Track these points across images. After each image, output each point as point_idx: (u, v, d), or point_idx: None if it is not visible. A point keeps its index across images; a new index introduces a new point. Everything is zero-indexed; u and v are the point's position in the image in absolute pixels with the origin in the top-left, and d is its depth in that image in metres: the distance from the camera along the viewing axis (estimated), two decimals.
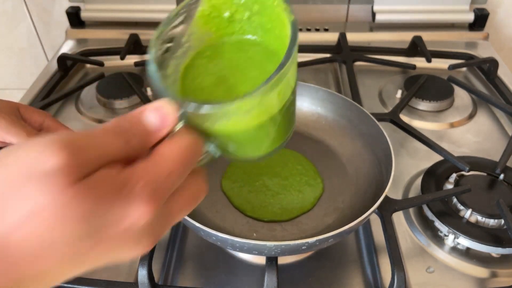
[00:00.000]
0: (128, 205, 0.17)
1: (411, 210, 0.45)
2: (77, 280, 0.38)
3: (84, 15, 0.75)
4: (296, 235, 0.39)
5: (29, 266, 0.17)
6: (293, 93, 0.24)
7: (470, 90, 0.60)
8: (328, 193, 0.43)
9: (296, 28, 0.21)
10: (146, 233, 0.19)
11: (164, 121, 0.20)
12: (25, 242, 0.16)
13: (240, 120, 0.21)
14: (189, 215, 0.33)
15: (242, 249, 0.34)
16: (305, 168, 0.46)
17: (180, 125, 0.20)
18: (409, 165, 0.50)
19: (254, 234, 0.39)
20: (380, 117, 0.53)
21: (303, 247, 0.33)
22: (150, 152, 0.19)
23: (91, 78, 0.61)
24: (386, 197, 0.42)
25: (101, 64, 0.65)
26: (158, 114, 0.20)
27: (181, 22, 0.23)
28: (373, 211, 0.35)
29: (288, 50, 0.20)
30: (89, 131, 0.18)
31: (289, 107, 0.24)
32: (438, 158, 0.48)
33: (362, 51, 0.68)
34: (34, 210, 0.16)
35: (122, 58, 0.65)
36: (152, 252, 0.37)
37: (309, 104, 0.49)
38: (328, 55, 0.67)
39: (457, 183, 0.45)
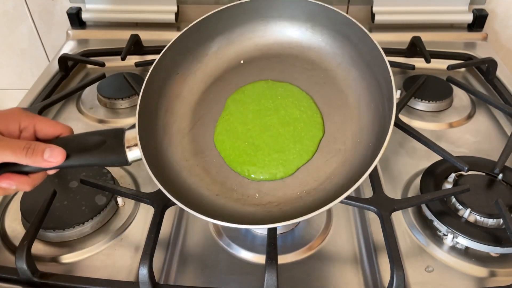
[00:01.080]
0: None
1: (410, 209, 0.45)
2: (78, 279, 0.38)
3: (85, 15, 0.75)
4: (296, 189, 0.36)
5: None
6: None
7: (469, 90, 0.60)
8: (328, 132, 0.38)
9: None
10: None
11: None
12: None
13: None
14: (183, 188, 0.34)
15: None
16: (303, 111, 0.40)
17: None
18: (408, 165, 0.50)
19: (257, 195, 0.37)
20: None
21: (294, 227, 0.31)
22: None
23: (92, 78, 0.62)
24: (385, 196, 0.42)
25: (102, 64, 0.65)
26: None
27: None
28: (374, 165, 0.31)
29: None
30: None
31: None
32: (437, 158, 0.48)
33: None
34: None
35: (123, 59, 0.65)
36: (152, 251, 0.37)
37: (302, 23, 0.42)
38: None
39: (456, 183, 0.45)
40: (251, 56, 0.44)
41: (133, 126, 0.37)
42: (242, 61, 0.43)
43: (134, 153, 0.35)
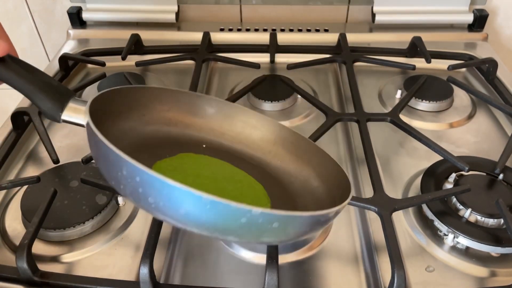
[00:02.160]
0: None
1: (410, 209, 0.45)
2: (78, 279, 0.38)
3: (85, 15, 0.75)
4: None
5: None
6: None
7: (470, 90, 0.60)
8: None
9: None
10: None
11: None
12: None
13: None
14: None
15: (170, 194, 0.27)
16: (247, 182, 0.39)
17: None
18: (409, 165, 0.50)
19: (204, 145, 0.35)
20: (380, 117, 0.54)
21: (242, 219, 0.27)
22: None
23: (92, 78, 0.62)
24: (386, 196, 0.42)
25: (102, 64, 0.65)
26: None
27: None
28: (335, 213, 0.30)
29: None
30: None
31: None
32: (437, 158, 0.48)
33: (362, 52, 0.68)
34: None
35: (124, 58, 0.65)
36: (153, 250, 0.37)
37: (270, 143, 0.42)
38: (328, 56, 0.67)
39: (456, 183, 0.45)
40: (213, 147, 0.42)
41: (83, 101, 0.34)
42: (204, 145, 0.41)
43: (72, 115, 0.33)
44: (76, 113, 0.33)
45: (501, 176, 0.46)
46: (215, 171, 0.39)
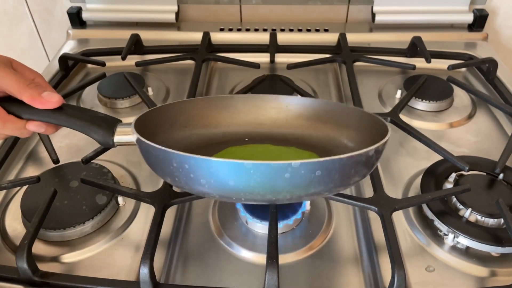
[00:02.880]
0: None
1: (410, 209, 0.45)
2: (78, 279, 0.38)
3: (85, 15, 0.75)
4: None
5: None
6: None
7: (470, 90, 0.60)
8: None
9: None
10: None
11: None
12: None
13: None
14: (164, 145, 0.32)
15: (218, 174, 0.30)
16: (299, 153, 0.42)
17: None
18: (409, 164, 0.50)
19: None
20: (380, 117, 0.53)
21: (286, 175, 0.29)
22: None
23: (92, 78, 0.62)
24: (386, 196, 0.42)
25: (102, 64, 0.65)
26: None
27: None
28: (375, 151, 0.31)
29: None
30: None
31: None
32: (437, 157, 0.48)
33: (362, 52, 0.68)
34: None
35: (124, 58, 0.65)
36: (153, 250, 0.37)
37: (310, 119, 0.44)
38: (328, 56, 0.67)
39: (456, 182, 0.45)
40: (256, 138, 0.45)
41: (128, 123, 0.37)
42: (247, 139, 0.45)
43: (122, 137, 0.36)
44: (125, 135, 0.36)
45: (501, 176, 0.46)
46: (265, 152, 0.43)
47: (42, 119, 0.35)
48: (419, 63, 0.65)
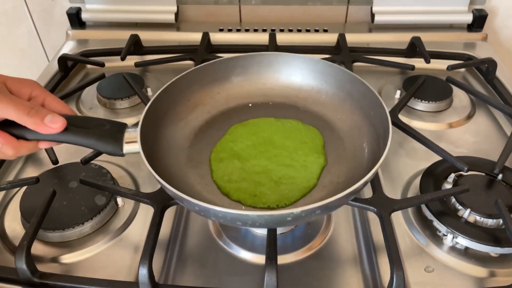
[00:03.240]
0: None
1: (410, 210, 0.45)
2: (77, 280, 0.38)
3: (84, 15, 0.75)
4: (285, 211, 0.36)
5: None
6: None
7: (469, 90, 0.60)
8: (325, 167, 0.42)
9: None
10: None
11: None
12: None
13: None
14: (174, 186, 0.33)
15: (225, 220, 0.33)
16: (307, 142, 0.44)
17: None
18: (408, 165, 0.50)
19: (243, 207, 0.38)
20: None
21: (288, 218, 0.31)
22: None
23: (91, 78, 0.62)
24: (385, 197, 0.42)
25: (101, 64, 0.65)
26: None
27: None
28: (363, 185, 0.33)
29: None
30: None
31: None
32: (436, 158, 0.48)
33: (361, 52, 0.68)
34: None
35: (123, 59, 0.65)
36: (152, 251, 0.37)
37: (309, 77, 0.48)
38: (327, 56, 0.67)
39: (455, 183, 0.45)
40: (258, 101, 0.49)
41: (135, 126, 0.37)
42: (250, 104, 0.48)
43: (130, 147, 0.36)
44: (133, 142, 0.36)
45: (500, 176, 0.46)
46: (268, 130, 0.46)
47: (50, 140, 0.35)
48: (418, 63, 0.65)
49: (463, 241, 0.40)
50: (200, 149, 0.44)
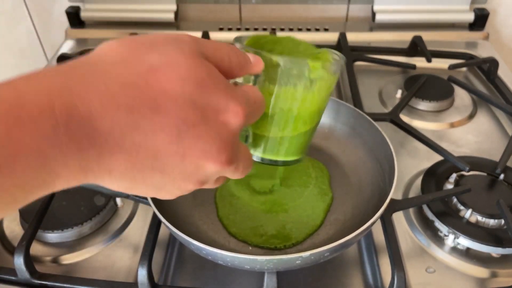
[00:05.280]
0: (229, 100, 0.21)
1: (411, 210, 0.45)
2: (77, 280, 0.38)
3: (84, 15, 0.75)
4: (292, 248, 0.38)
5: (147, 115, 0.19)
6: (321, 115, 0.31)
7: (470, 90, 0.60)
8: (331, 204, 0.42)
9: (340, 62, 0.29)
10: (229, 143, 0.21)
11: (257, 63, 0.25)
12: (152, 87, 0.19)
13: (299, 95, 0.26)
14: (181, 230, 0.33)
15: (233, 264, 0.33)
16: (318, 176, 0.44)
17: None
18: (409, 165, 0.50)
19: (250, 248, 0.38)
20: (380, 117, 0.53)
21: (297, 261, 0.32)
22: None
23: None
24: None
25: None
26: (254, 57, 0.25)
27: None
28: (371, 225, 0.34)
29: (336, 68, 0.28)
30: (209, 40, 0.23)
31: (316, 127, 0.30)
32: (438, 158, 0.48)
33: (362, 51, 0.68)
34: (168, 62, 0.20)
35: None
36: (152, 252, 0.37)
37: None
38: None
39: (457, 183, 0.45)
40: None
41: None
42: None
43: None
44: None
45: (502, 176, 0.45)
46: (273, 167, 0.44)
47: None
48: (420, 62, 0.65)
49: (464, 242, 0.40)
50: (204, 191, 0.43)
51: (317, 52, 0.31)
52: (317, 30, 0.74)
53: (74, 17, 0.75)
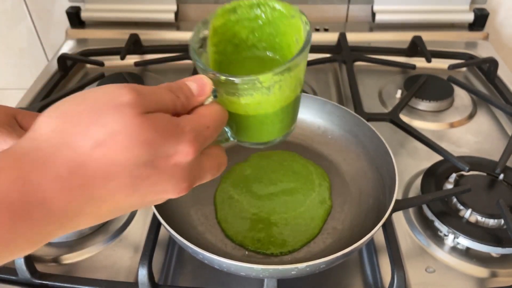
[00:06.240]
0: (178, 143, 0.22)
1: (411, 210, 0.45)
2: (77, 280, 0.38)
3: (84, 15, 0.75)
4: (288, 255, 0.38)
5: (100, 185, 0.20)
6: (301, 90, 0.29)
7: (470, 90, 0.60)
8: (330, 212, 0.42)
9: (310, 32, 0.28)
10: (186, 175, 0.23)
11: (202, 89, 0.25)
12: (100, 161, 0.20)
13: (260, 100, 0.26)
14: (179, 232, 0.33)
15: (229, 270, 0.33)
16: (319, 183, 0.43)
17: (210, 99, 0.26)
18: (409, 165, 0.50)
19: (246, 253, 0.38)
20: (380, 117, 0.53)
21: (292, 272, 0.32)
22: (190, 112, 0.25)
23: (91, 78, 0.61)
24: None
25: (101, 64, 0.65)
26: (198, 83, 0.25)
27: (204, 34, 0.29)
28: (367, 239, 0.33)
29: (304, 44, 0.26)
30: (148, 86, 0.23)
31: (296, 101, 0.29)
32: (438, 158, 0.48)
33: (362, 51, 0.68)
34: (111, 133, 0.20)
35: (122, 58, 0.65)
36: (152, 252, 0.37)
37: (315, 117, 0.48)
38: (328, 55, 0.67)
39: (457, 183, 0.45)
40: None
41: None
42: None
43: None
44: None
45: (501, 176, 0.46)
46: (275, 170, 0.45)
47: None
48: (420, 62, 0.65)
49: (464, 241, 0.40)
50: (206, 186, 0.42)
51: (291, 16, 0.31)
52: (317, 30, 0.74)
53: (75, 17, 0.75)
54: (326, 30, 0.74)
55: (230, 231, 0.40)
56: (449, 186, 0.45)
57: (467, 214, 0.41)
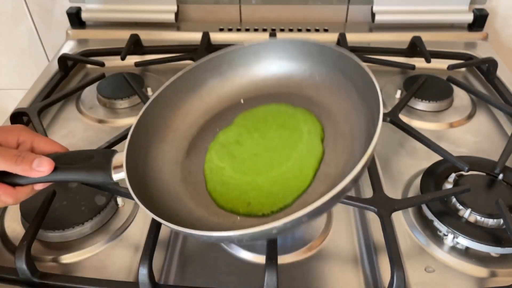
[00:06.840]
0: None
1: (410, 210, 0.45)
2: (77, 280, 0.38)
3: (84, 15, 0.75)
4: (281, 212, 0.35)
5: None
6: None
7: (469, 90, 0.60)
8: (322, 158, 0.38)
9: None
10: None
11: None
12: None
13: None
14: (168, 204, 0.33)
15: (211, 241, 0.32)
16: (304, 131, 0.40)
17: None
18: (409, 165, 0.50)
19: (238, 218, 0.36)
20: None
21: (273, 231, 0.29)
22: None
23: (91, 78, 0.62)
24: (385, 197, 0.42)
25: (101, 64, 0.65)
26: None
27: None
28: (351, 181, 0.30)
29: None
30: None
31: None
32: (437, 158, 0.48)
33: (362, 52, 0.68)
34: None
35: (123, 59, 0.65)
36: (152, 251, 0.37)
37: (298, 61, 0.44)
38: None
39: (456, 183, 0.45)
40: (251, 96, 0.45)
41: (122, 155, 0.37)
42: (242, 100, 0.45)
43: (120, 173, 0.35)
44: (122, 170, 0.35)
45: (501, 176, 0.46)
46: (260, 125, 0.43)
47: (42, 181, 0.35)
48: (419, 63, 0.65)
49: (463, 241, 0.40)
50: (196, 159, 0.41)
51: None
52: (316, 30, 0.74)
53: (75, 18, 0.75)
54: (325, 30, 0.74)
55: (220, 200, 0.38)
56: (448, 186, 0.45)
57: (467, 214, 0.42)
